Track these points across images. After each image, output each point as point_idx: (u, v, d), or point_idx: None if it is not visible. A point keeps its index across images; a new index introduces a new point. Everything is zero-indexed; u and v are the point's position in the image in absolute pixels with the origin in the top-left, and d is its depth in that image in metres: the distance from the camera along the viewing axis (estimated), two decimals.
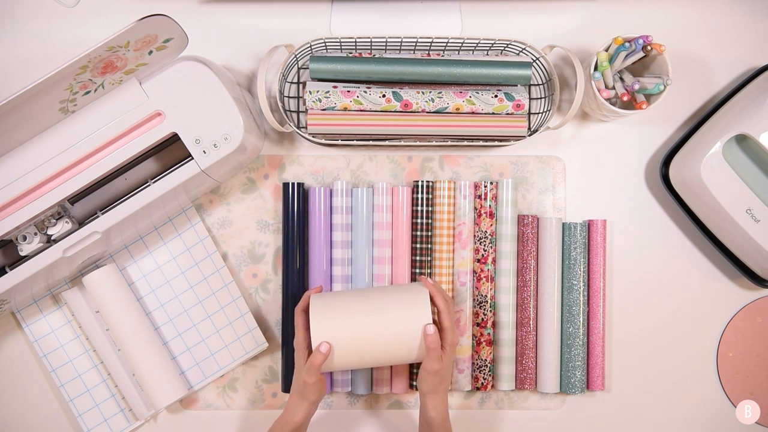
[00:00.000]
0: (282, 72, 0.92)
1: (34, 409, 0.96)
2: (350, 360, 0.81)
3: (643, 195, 0.98)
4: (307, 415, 0.83)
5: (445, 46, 0.93)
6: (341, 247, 0.94)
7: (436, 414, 0.83)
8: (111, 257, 0.95)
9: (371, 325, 0.80)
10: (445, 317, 0.82)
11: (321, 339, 0.79)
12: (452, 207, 0.94)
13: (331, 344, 0.79)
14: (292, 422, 0.82)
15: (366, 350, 0.81)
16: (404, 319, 0.81)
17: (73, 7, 0.96)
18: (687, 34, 0.98)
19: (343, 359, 0.81)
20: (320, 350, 0.78)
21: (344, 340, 0.80)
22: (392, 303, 0.82)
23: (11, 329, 0.96)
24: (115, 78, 0.79)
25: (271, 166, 0.97)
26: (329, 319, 0.80)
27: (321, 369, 0.80)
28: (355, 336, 0.80)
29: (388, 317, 0.81)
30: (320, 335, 0.79)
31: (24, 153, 0.80)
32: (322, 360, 0.78)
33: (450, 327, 0.82)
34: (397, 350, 0.81)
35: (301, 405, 0.82)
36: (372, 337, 0.80)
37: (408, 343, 0.81)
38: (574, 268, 0.94)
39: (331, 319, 0.80)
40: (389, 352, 0.81)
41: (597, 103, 0.90)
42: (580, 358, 0.94)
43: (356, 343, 0.80)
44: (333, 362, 0.81)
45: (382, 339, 0.80)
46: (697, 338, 0.98)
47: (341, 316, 0.81)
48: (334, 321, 0.80)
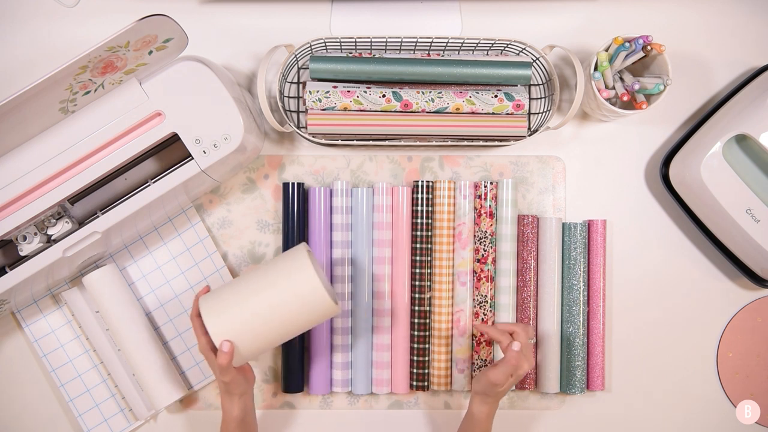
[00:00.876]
0: (282, 72, 0.92)
1: (34, 409, 0.96)
2: (258, 344, 0.80)
3: (643, 195, 0.98)
4: (244, 407, 0.83)
5: (445, 46, 0.93)
6: (341, 247, 0.94)
7: (478, 414, 0.85)
8: (111, 257, 0.95)
9: (263, 304, 0.79)
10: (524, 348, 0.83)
11: (221, 338, 0.78)
12: (452, 207, 0.94)
13: (233, 339, 0.78)
14: (233, 419, 0.83)
15: (269, 329, 0.79)
16: (291, 286, 0.79)
17: (73, 7, 0.96)
18: (687, 34, 0.98)
19: (250, 346, 0.79)
20: (223, 350, 0.77)
21: (244, 329, 0.78)
22: (276, 275, 0.80)
23: (11, 329, 0.96)
24: (115, 78, 0.79)
25: (271, 166, 0.97)
26: (222, 315, 0.79)
27: (234, 363, 0.79)
28: (253, 320, 0.79)
29: (276, 290, 0.79)
30: (219, 334, 0.78)
31: (24, 153, 0.80)
32: (229, 358, 0.77)
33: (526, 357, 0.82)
34: (298, 318, 0.79)
35: (231, 402, 0.82)
36: (269, 315, 0.79)
37: (304, 306, 0.79)
38: (574, 268, 0.94)
39: (224, 315, 0.79)
40: (291, 322, 0.80)
41: (597, 103, 0.90)
42: (580, 358, 0.94)
43: (256, 326, 0.79)
44: (242, 353, 0.79)
45: (279, 313, 0.79)
46: (697, 338, 0.98)
47: (233, 307, 0.79)
48: (228, 315, 0.79)
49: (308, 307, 0.79)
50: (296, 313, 0.79)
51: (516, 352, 0.81)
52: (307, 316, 0.80)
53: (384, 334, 0.94)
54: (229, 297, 0.80)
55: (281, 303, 0.79)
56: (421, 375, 0.94)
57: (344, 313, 0.94)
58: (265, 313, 0.79)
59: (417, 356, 0.94)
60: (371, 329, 0.95)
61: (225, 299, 0.80)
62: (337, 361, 0.94)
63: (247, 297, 0.79)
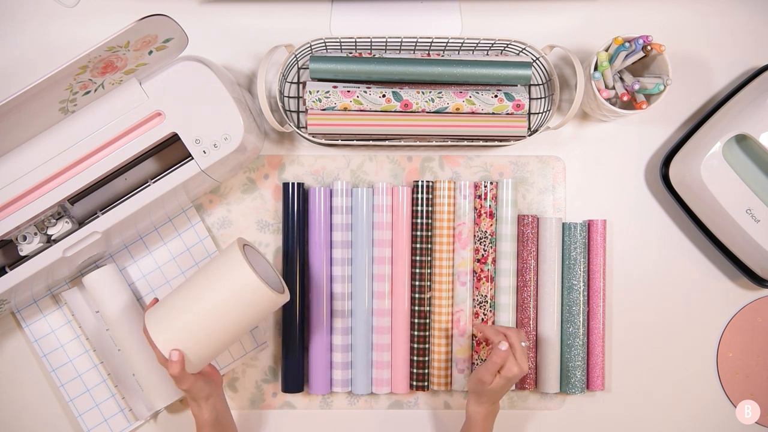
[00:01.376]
0: (282, 72, 0.92)
1: (34, 409, 0.96)
2: (208, 349, 0.79)
3: (643, 195, 0.98)
4: (213, 409, 0.83)
5: (445, 46, 0.93)
6: (341, 247, 0.94)
7: (474, 415, 0.86)
8: (111, 257, 0.95)
9: (205, 308, 0.78)
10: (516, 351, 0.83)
11: (169, 348, 0.77)
12: (452, 207, 0.94)
13: (181, 347, 0.77)
14: (204, 423, 0.83)
15: (216, 332, 0.78)
16: (229, 286, 0.78)
17: (73, 7, 0.96)
18: (687, 34, 0.98)
19: (200, 352, 0.79)
20: (172, 359, 0.77)
21: (191, 336, 0.78)
22: (213, 276, 0.79)
23: (11, 329, 0.96)
24: (115, 78, 0.79)
25: (271, 166, 0.97)
26: (167, 324, 0.78)
27: (187, 370, 0.78)
28: (198, 326, 0.78)
29: (215, 292, 0.78)
30: (166, 345, 0.77)
31: (24, 153, 0.80)
32: (179, 367, 0.77)
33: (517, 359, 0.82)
34: (242, 316, 0.79)
35: (199, 407, 0.82)
36: (213, 318, 0.78)
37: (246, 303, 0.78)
38: (574, 268, 0.94)
39: (169, 324, 0.78)
40: (237, 321, 0.79)
41: (597, 103, 0.90)
42: (580, 358, 0.94)
43: (203, 331, 0.78)
44: (193, 360, 0.79)
45: (222, 314, 0.78)
46: (697, 338, 0.98)
47: (177, 315, 0.78)
48: (172, 324, 0.78)
49: (250, 303, 0.78)
50: (240, 311, 0.78)
51: (501, 351, 0.81)
52: (252, 311, 0.79)
53: (384, 334, 0.94)
54: (172, 306, 0.79)
55: (222, 304, 0.78)
56: (421, 375, 0.94)
57: (344, 313, 0.94)
58: (209, 317, 0.78)
59: (417, 356, 0.94)
60: (371, 329, 0.95)
61: (169, 309, 0.79)
62: (337, 361, 0.94)
63: (189, 303, 0.78)
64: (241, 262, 0.78)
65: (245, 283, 0.77)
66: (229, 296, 0.78)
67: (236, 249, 0.79)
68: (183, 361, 0.77)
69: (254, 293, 0.78)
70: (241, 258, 0.78)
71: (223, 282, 0.78)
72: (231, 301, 0.78)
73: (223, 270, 0.79)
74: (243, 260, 0.78)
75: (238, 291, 0.78)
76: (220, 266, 0.79)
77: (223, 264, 0.79)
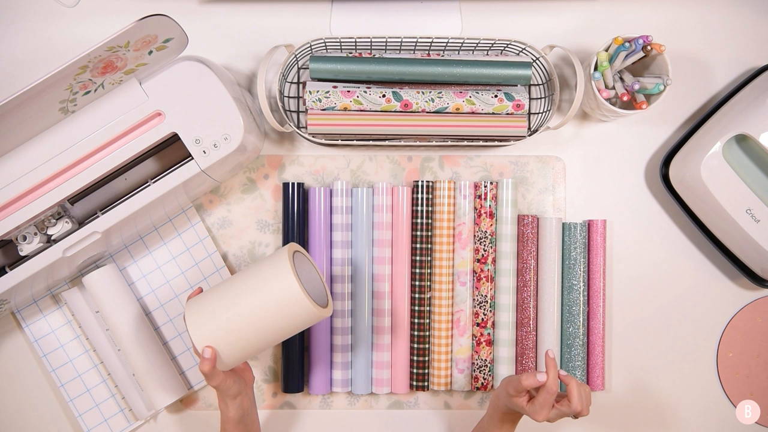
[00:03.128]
0: (282, 72, 0.92)
1: (34, 409, 0.96)
2: (242, 351, 0.78)
3: (643, 195, 0.98)
4: (240, 408, 0.82)
5: (445, 46, 0.93)
6: (341, 247, 0.94)
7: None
8: (111, 257, 0.95)
9: (245, 311, 0.77)
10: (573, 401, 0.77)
11: (203, 343, 0.77)
12: (452, 207, 0.94)
13: (215, 345, 0.77)
14: (229, 419, 0.82)
15: (252, 336, 0.77)
16: (273, 293, 0.77)
17: (73, 7, 0.96)
18: (687, 34, 0.98)
19: (233, 352, 0.78)
20: (204, 356, 0.76)
21: (227, 335, 0.77)
22: (258, 280, 0.78)
23: (11, 329, 0.96)
24: (115, 78, 0.79)
25: (271, 166, 0.97)
26: (205, 320, 0.77)
27: (218, 367, 0.78)
28: (236, 327, 0.77)
29: (258, 297, 0.77)
30: (200, 340, 0.77)
31: (24, 153, 0.80)
32: (210, 365, 0.76)
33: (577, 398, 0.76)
34: (281, 325, 0.78)
35: (226, 403, 0.82)
36: (251, 321, 0.77)
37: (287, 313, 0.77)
38: (574, 268, 0.94)
39: (207, 320, 0.77)
40: (275, 328, 0.78)
41: (597, 103, 0.90)
42: (580, 358, 0.94)
43: (239, 333, 0.77)
44: (225, 359, 0.78)
45: (261, 320, 0.77)
46: (697, 338, 0.98)
47: (216, 313, 0.77)
48: (210, 321, 0.77)
49: (291, 314, 0.77)
50: (279, 320, 0.77)
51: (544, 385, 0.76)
52: (291, 321, 0.78)
53: (384, 334, 0.94)
54: (213, 302, 0.78)
55: (262, 310, 0.76)
56: (421, 375, 0.94)
57: (344, 313, 0.94)
58: (247, 320, 0.77)
59: (417, 356, 0.94)
60: (371, 329, 0.95)
61: (209, 304, 0.78)
62: (337, 361, 0.94)
63: (229, 303, 0.77)
64: (287, 271, 0.76)
65: (289, 294, 0.76)
66: (271, 303, 0.76)
67: (285, 256, 0.78)
68: (215, 359, 0.77)
69: (296, 305, 0.76)
70: (288, 267, 0.76)
71: (267, 288, 0.76)
72: (271, 308, 0.76)
73: (269, 275, 0.77)
74: (290, 269, 0.76)
75: (280, 300, 0.76)
76: (267, 271, 0.78)
77: (269, 269, 0.78)
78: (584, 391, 0.77)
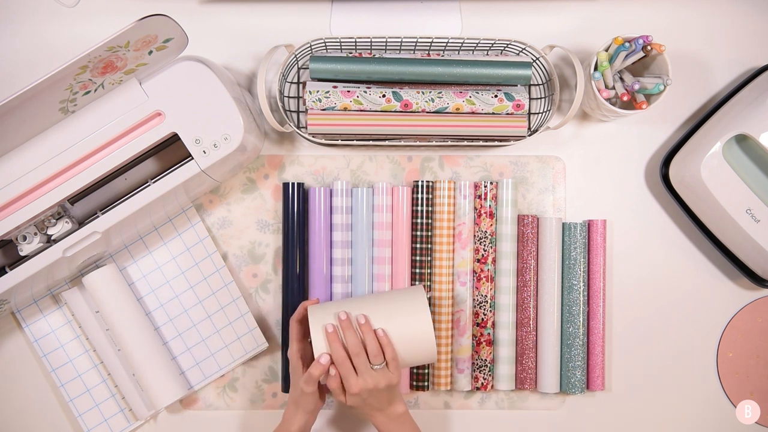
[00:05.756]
0: (282, 72, 0.92)
1: (34, 409, 0.96)
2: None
3: (643, 195, 0.98)
4: (304, 425, 0.83)
5: (445, 46, 0.93)
6: (341, 247, 0.94)
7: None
8: (111, 257, 0.95)
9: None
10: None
11: (322, 350, 0.79)
12: (452, 207, 0.94)
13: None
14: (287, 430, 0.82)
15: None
16: (405, 325, 0.81)
17: (73, 7, 0.96)
18: (687, 34, 0.98)
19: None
20: (320, 361, 0.78)
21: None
22: (391, 309, 0.82)
23: (11, 329, 0.96)
24: (115, 78, 0.79)
25: (271, 166, 0.97)
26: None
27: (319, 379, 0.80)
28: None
29: (389, 324, 0.80)
30: (321, 346, 0.79)
31: (24, 153, 0.80)
32: (322, 371, 0.78)
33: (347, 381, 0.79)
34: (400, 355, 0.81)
35: (297, 415, 0.82)
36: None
37: (408, 349, 0.81)
38: (574, 268, 0.94)
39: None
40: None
41: (597, 103, 0.90)
42: (580, 358, 0.94)
43: None
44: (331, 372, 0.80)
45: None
46: (697, 338, 0.98)
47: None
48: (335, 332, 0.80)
49: (413, 349, 0.81)
50: (400, 352, 0.81)
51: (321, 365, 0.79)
52: (410, 356, 0.82)
53: None
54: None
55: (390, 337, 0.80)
56: (421, 375, 0.94)
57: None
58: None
59: None
60: None
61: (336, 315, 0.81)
62: None
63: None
64: (425, 310, 0.81)
65: (420, 330, 0.81)
66: (400, 336, 0.80)
67: (422, 296, 0.83)
68: (328, 369, 0.78)
69: (423, 342, 0.81)
70: (426, 305, 0.81)
71: (400, 318, 0.81)
72: (397, 337, 0.80)
73: (404, 306, 0.82)
74: (427, 308, 0.81)
75: (409, 333, 0.81)
76: (402, 301, 0.82)
77: (405, 300, 0.82)
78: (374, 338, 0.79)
